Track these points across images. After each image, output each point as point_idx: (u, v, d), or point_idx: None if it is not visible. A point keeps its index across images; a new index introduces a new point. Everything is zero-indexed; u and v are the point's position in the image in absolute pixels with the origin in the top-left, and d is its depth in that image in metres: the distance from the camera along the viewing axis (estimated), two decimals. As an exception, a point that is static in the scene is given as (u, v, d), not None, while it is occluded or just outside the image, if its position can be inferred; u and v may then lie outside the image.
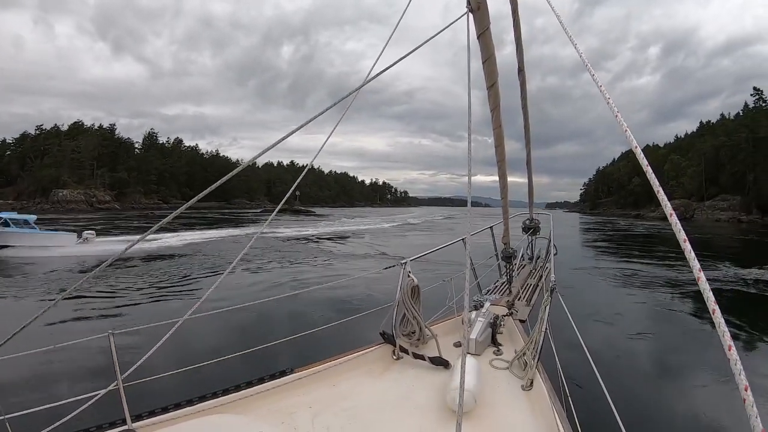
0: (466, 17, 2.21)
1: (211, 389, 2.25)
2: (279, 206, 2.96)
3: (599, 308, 9.84)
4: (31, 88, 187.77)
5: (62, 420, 1.84)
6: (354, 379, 2.69)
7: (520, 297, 4.66)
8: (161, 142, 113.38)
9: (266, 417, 2.21)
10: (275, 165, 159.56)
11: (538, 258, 6.85)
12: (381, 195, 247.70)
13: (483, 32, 2.43)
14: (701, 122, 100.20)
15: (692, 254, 1.04)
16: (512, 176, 4.13)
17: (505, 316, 3.59)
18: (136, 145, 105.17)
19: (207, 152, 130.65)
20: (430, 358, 2.84)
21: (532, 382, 2.55)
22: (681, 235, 1.08)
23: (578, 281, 12.86)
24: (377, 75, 2.18)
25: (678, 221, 1.12)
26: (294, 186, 3.06)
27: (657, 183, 1.22)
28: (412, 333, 3.09)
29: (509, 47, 3.48)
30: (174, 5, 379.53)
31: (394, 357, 2.97)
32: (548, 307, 2.84)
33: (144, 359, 2.05)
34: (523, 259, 6.71)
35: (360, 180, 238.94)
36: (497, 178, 4.09)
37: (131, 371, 2.01)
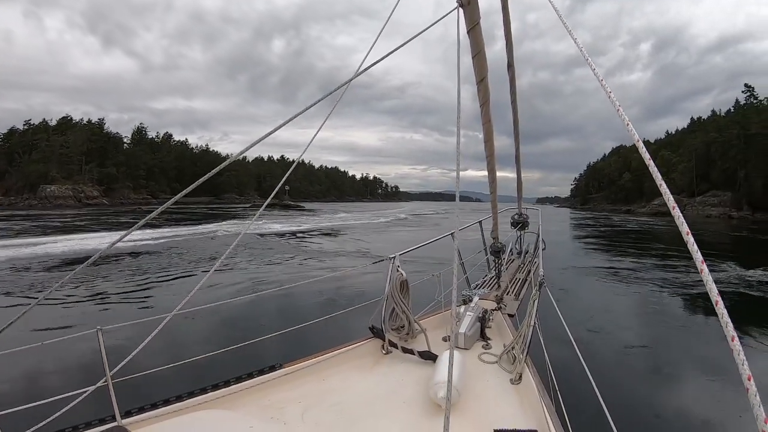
0: (457, 12, 2.21)
1: (200, 385, 2.25)
2: (266, 202, 2.93)
3: (590, 304, 9.91)
4: (21, 83, 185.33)
5: (51, 417, 1.83)
6: (343, 374, 2.70)
7: (509, 291, 4.69)
8: (150, 137, 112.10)
9: (255, 412, 2.21)
10: (266, 160, 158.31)
11: (527, 253, 6.90)
12: (372, 190, 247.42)
13: (473, 27, 2.42)
14: (692, 118, 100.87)
15: (695, 246, 1.04)
16: (502, 171, 4.14)
17: (494, 311, 3.61)
18: (125, 140, 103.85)
19: (197, 147, 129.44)
20: (419, 353, 2.86)
21: (521, 376, 2.57)
22: (684, 228, 1.09)
23: (569, 280, 12.64)
24: (367, 69, 2.17)
25: (681, 214, 1.13)
26: (282, 181, 3.04)
27: (659, 176, 1.23)
28: (401, 327, 3.11)
29: (500, 43, 3.48)
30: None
31: (384, 351, 2.98)
32: (537, 302, 2.85)
33: (133, 355, 2.03)
34: (512, 254, 6.76)
35: (351, 175, 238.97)
36: (487, 171, 4.10)
37: (120, 367, 1.99)
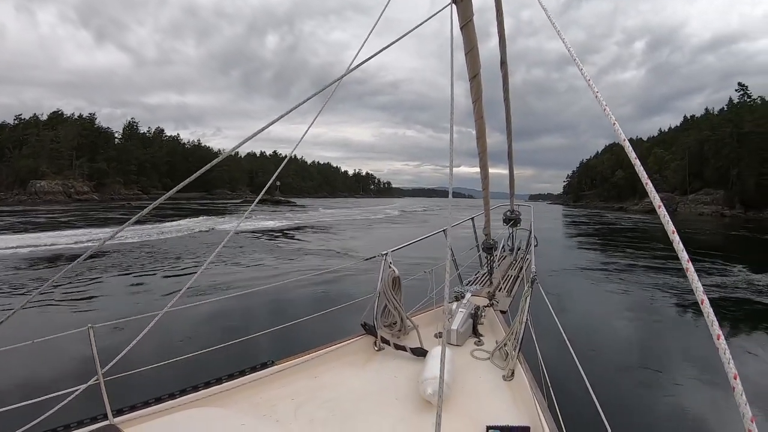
0: (450, 8, 2.20)
1: (192, 382, 2.24)
2: (257, 199, 2.92)
3: (582, 302, 9.96)
4: (13, 78, 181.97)
5: (43, 416, 1.82)
6: (336, 371, 2.70)
7: (501, 288, 4.71)
8: (142, 132, 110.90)
9: (248, 410, 2.21)
10: (258, 155, 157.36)
11: (519, 249, 6.93)
12: (364, 186, 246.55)
13: (466, 23, 2.42)
14: (685, 116, 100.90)
15: (680, 245, 1.04)
16: (495, 168, 4.16)
17: (486, 307, 3.63)
18: (116, 135, 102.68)
19: (188, 142, 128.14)
20: (412, 349, 2.87)
21: (513, 372, 2.60)
22: (669, 227, 1.09)
23: (562, 282, 12.26)
24: (359, 65, 2.17)
25: (666, 213, 1.13)
26: (273, 177, 3.01)
27: (645, 175, 1.23)
28: (394, 324, 3.11)
29: (494, 39, 3.47)
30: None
31: (376, 348, 2.99)
32: (529, 298, 2.87)
33: (124, 353, 2.02)
34: (504, 251, 6.79)
35: (343, 170, 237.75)
36: (480, 170, 4.10)
37: (111, 365, 1.98)
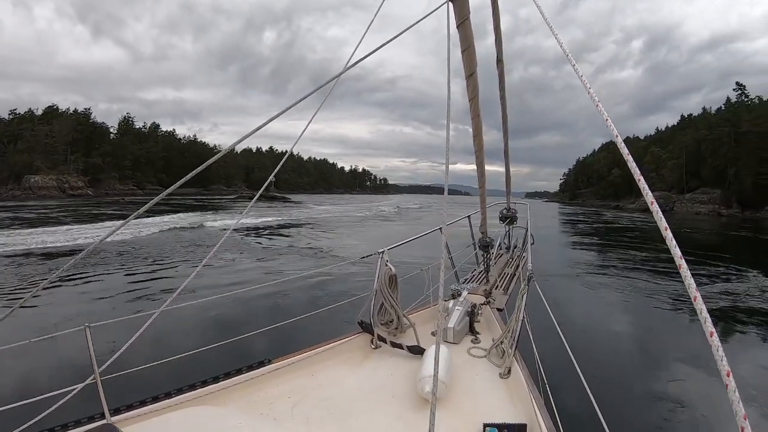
0: (446, 6, 2.19)
1: (189, 381, 2.24)
2: (255, 198, 2.91)
3: (578, 299, 10.00)
4: (9, 73, 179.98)
5: (40, 416, 1.81)
6: (332, 369, 2.71)
7: (498, 286, 4.73)
8: (138, 127, 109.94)
9: (245, 408, 2.22)
10: (254, 151, 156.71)
11: (515, 247, 6.95)
12: (360, 182, 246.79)
13: (463, 22, 2.41)
14: (682, 116, 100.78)
15: (673, 242, 1.05)
16: (491, 165, 4.14)
17: (483, 305, 3.65)
18: (112, 130, 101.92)
19: (184, 137, 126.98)
20: (408, 347, 2.88)
21: (510, 370, 2.60)
22: (662, 224, 1.10)
23: (560, 284, 11.99)
24: (356, 62, 2.15)
25: (659, 210, 1.13)
26: (271, 176, 3.03)
27: (638, 172, 1.22)
28: (390, 322, 3.12)
29: (491, 37, 3.47)
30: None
31: (373, 346, 2.99)
32: (525, 296, 2.88)
33: (121, 352, 2.02)
34: (501, 249, 6.80)
35: (340, 167, 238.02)
36: (476, 168, 4.10)
37: (108, 364, 1.98)
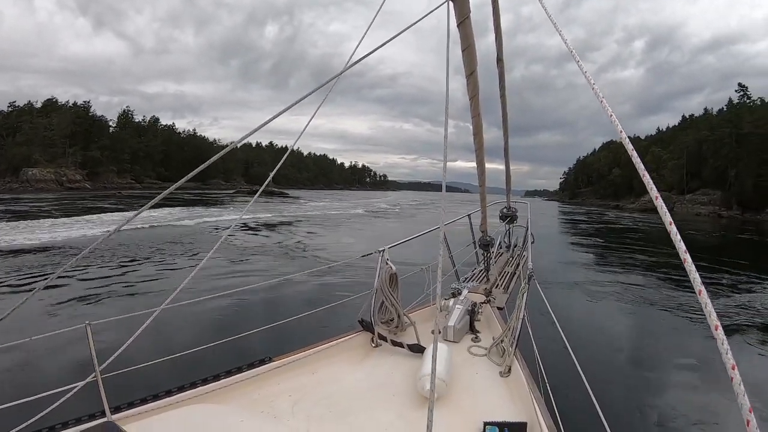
0: (447, 5, 2.19)
1: (190, 379, 2.24)
2: (256, 196, 2.92)
3: (578, 298, 9.98)
4: (9, 65, 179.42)
5: (40, 414, 1.81)
6: (333, 367, 2.71)
7: (498, 285, 4.74)
8: (137, 121, 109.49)
9: (246, 406, 2.22)
10: (254, 146, 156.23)
11: (515, 246, 6.95)
12: (360, 178, 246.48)
13: (463, 21, 2.40)
14: (684, 116, 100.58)
15: (678, 236, 1.05)
16: (491, 163, 4.16)
17: (483, 304, 3.64)
18: (111, 123, 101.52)
19: (184, 131, 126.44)
20: (409, 346, 2.87)
21: (510, 369, 2.60)
22: (667, 218, 1.10)
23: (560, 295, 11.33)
24: (358, 61, 2.15)
25: (664, 205, 1.13)
26: (273, 172, 3.04)
27: (642, 167, 1.23)
28: (391, 320, 3.13)
29: (492, 34, 3.46)
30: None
31: (373, 344, 2.99)
32: (526, 295, 2.88)
33: (122, 350, 2.02)
34: (501, 248, 6.80)
35: (339, 163, 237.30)
36: (476, 166, 4.09)
37: (109, 362, 1.98)
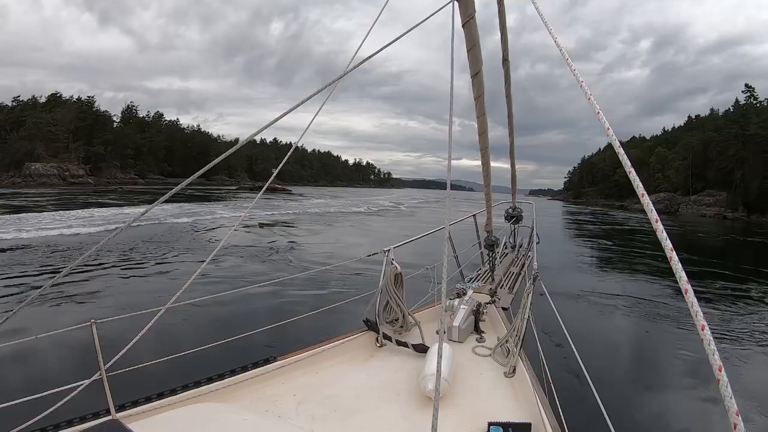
0: (452, 5, 2.18)
1: (195, 378, 2.24)
2: (259, 194, 2.93)
3: (584, 299, 9.91)
4: (15, 60, 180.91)
5: (46, 411, 1.81)
6: (337, 367, 2.71)
7: (503, 285, 4.73)
8: (142, 116, 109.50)
9: (250, 405, 2.22)
10: (258, 142, 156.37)
11: (521, 246, 6.94)
12: (364, 175, 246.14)
13: (468, 21, 2.40)
14: (689, 116, 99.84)
15: (664, 234, 1.05)
16: (496, 162, 4.16)
17: (488, 304, 3.63)
18: (115, 119, 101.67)
19: (188, 127, 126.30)
20: (413, 346, 2.87)
21: (515, 369, 2.60)
22: (653, 215, 1.10)
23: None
24: (363, 61, 2.16)
25: (650, 201, 1.14)
26: (277, 170, 3.06)
27: (629, 164, 1.22)
28: (396, 320, 3.12)
29: (498, 33, 3.45)
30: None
31: (378, 344, 2.99)
32: (531, 295, 2.88)
33: (127, 348, 2.02)
34: (506, 248, 6.78)
35: (343, 160, 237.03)
36: (481, 165, 4.09)
37: (114, 361, 1.98)
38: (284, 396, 2.33)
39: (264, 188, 3.24)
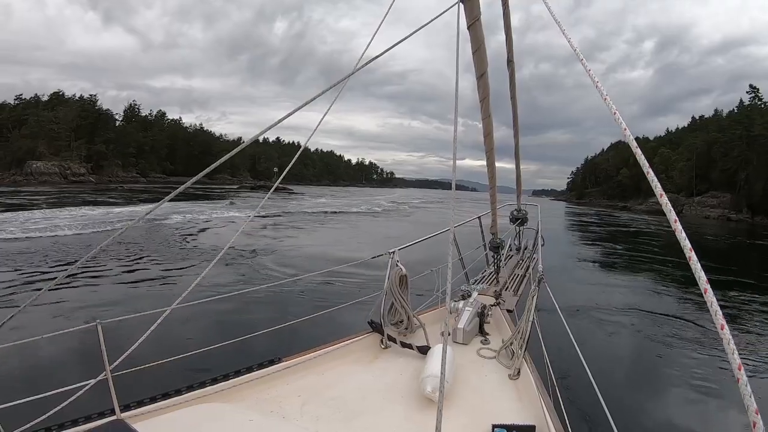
0: (458, 7, 2.18)
1: (199, 378, 2.25)
2: (265, 198, 2.93)
3: (589, 301, 9.87)
4: (19, 59, 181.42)
5: (51, 411, 1.82)
6: (342, 368, 2.71)
7: (508, 287, 4.73)
8: (144, 115, 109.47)
9: (255, 406, 2.22)
10: (260, 141, 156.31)
11: (525, 248, 6.92)
12: (367, 175, 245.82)
13: (473, 23, 2.39)
14: (693, 117, 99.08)
15: (683, 234, 1.05)
16: (499, 162, 4.12)
17: (493, 306, 3.63)
18: (117, 117, 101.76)
19: (191, 126, 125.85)
20: (418, 347, 2.87)
21: (519, 371, 2.61)
22: (672, 216, 1.10)
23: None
24: (369, 62, 2.17)
25: (668, 201, 1.14)
26: (283, 174, 3.08)
27: (647, 165, 1.27)
28: (400, 322, 3.12)
29: (503, 33, 3.44)
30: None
31: (382, 346, 2.99)
32: (536, 297, 2.87)
33: (132, 349, 2.03)
34: (511, 250, 6.77)
35: (346, 159, 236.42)
36: (485, 165, 4.07)
37: (119, 361, 1.99)
38: (289, 397, 2.33)
39: (271, 190, 3.33)
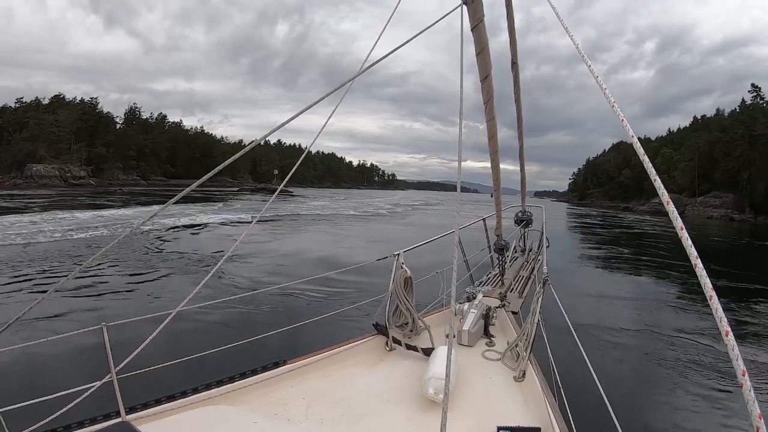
0: (461, 9, 2.18)
1: (204, 381, 2.24)
2: (269, 203, 2.96)
3: (594, 303, 9.88)
4: (21, 61, 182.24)
5: (56, 413, 1.82)
6: (347, 370, 2.70)
7: (513, 289, 4.72)
8: (145, 118, 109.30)
9: (260, 408, 2.22)
10: (262, 143, 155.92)
11: (530, 250, 6.91)
12: (368, 177, 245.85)
13: (477, 25, 2.40)
14: (695, 117, 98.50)
15: (689, 241, 1.06)
16: (502, 163, 4.13)
17: (498, 308, 3.62)
18: (118, 120, 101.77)
19: (191, 129, 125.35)
20: (423, 350, 2.86)
21: (524, 374, 2.60)
22: (678, 223, 1.11)
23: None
24: (372, 65, 2.20)
25: (675, 209, 1.15)
26: (287, 178, 3.10)
27: (654, 171, 1.26)
28: (405, 324, 3.11)
29: (506, 35, 3.44)
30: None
31: (387, 348, 2.98)
32: (540, 299, 2.87)
33: (137, 351, 2.03)
34: (516, 252, 6.76)
35: (348, 161, 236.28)
36: (487, 165, 4.08)
37: (125, 364, 1.99)
38: (293, 399, 2.32)
39: (273, 197, 3.34)
